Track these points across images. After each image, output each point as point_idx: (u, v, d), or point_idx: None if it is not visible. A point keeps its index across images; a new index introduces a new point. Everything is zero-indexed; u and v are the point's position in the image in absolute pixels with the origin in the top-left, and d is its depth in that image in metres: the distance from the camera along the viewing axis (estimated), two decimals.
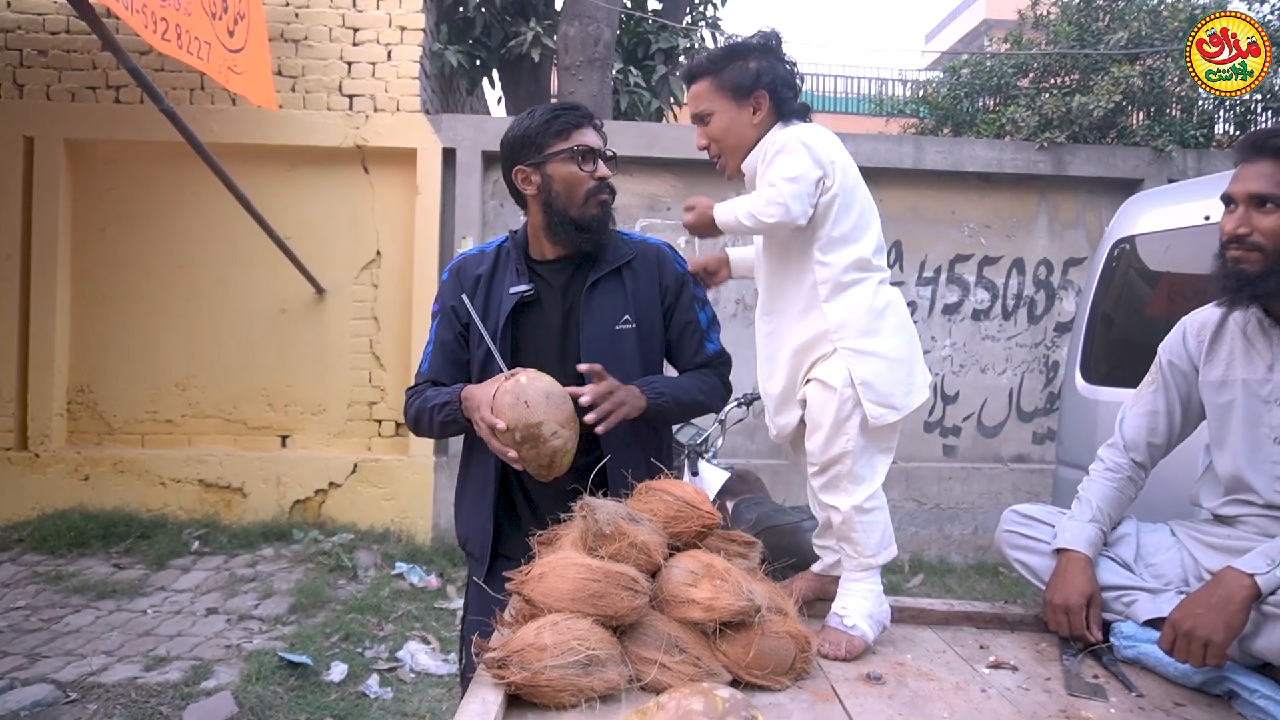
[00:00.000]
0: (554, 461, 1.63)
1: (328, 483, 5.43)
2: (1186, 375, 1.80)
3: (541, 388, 1.62)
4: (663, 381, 1.83)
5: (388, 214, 5.60)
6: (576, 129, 1.80)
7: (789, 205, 1.58)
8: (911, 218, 5.88)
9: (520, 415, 1.58)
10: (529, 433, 1.59)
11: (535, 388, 1.61)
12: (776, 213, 1.59)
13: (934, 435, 5.92)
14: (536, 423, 1.58)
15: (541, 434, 1.59)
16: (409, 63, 5.55)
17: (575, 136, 1.80)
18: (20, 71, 5.43)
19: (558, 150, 1.79)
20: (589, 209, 1.79)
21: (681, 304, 1.92)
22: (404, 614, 4.27)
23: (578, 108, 1.85)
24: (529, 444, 1.60)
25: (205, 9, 3.85)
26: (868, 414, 1.60)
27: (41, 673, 3.38)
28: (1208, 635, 1.41)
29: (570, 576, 1.30)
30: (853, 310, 1.64)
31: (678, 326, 1.91)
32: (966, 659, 1.61)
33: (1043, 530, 1.82)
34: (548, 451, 1.61)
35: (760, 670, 1.37)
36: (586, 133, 1.82)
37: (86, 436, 5.56)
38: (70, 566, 4.62)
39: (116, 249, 5.53)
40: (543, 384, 1.63)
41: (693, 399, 1.86)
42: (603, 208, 1.81)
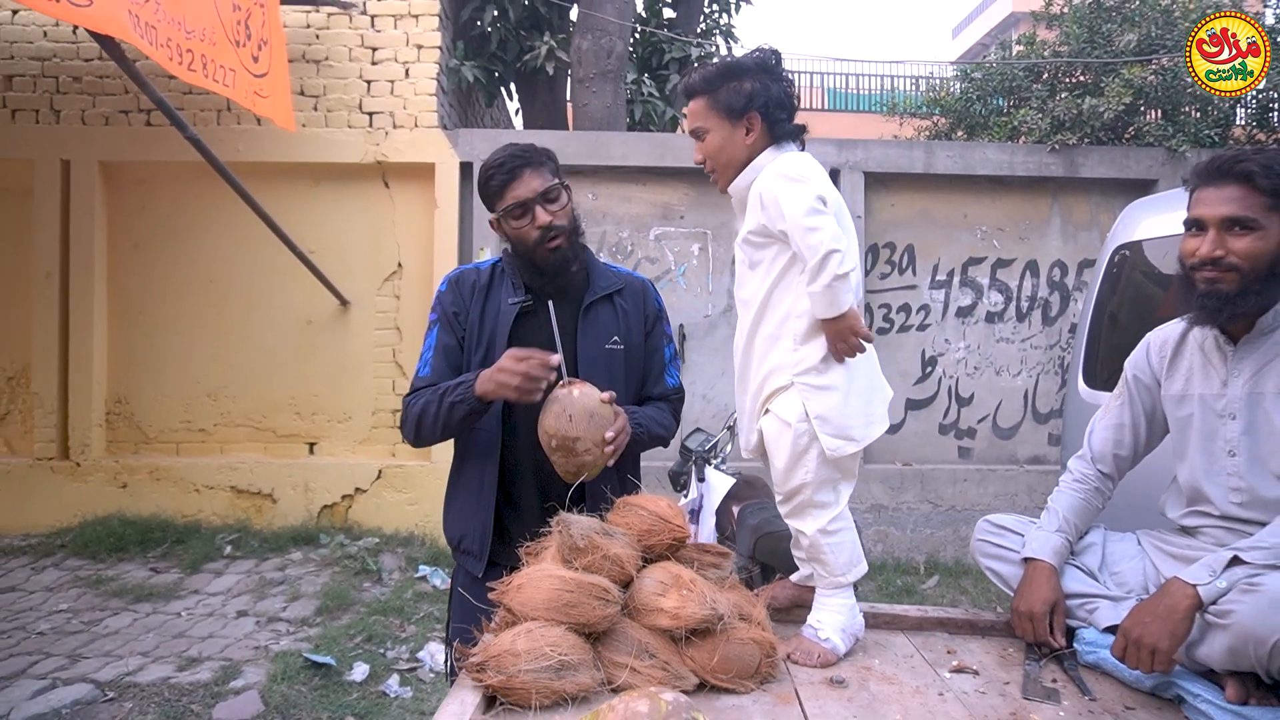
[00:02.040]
0: (580, 471, 1.74)
1: (354, 488, 5.61)
2: (1150, 390, 1.87)
3: (587, 406, 1.71)
4: (639, 414, 1.94)
5: (408, 227, 5.77)
6: (509, 184, 1.86)
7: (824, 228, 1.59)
8: (923, 221, 5.92)
9: (561, 426, 1.70)
10: (564, 443, 1.70)
11: (581, 405, 1.70)
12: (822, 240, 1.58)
13: (949, 437, 5.96)
14: (574, 438, 1.70)
15: (575, 449, 1.70)
16: (426, 80, 5.71)
17: (509, 192, 1.86)
18: (57, 98, 5.68)
19: (500, 209, 1.89)
20: (544, 255, 1.89)
21: (655, 334, 2.06)
22: (425, 615, 4.41)
23: (508, 159, 1.87)
24: (561, 452, 1.71)
25: (229, 37, 4.02)
26: (825, 446, 1.64)
27: (82, 672, 3.57)
28: (1154, 643, 1.48)
29: (545, 587, 1.41)
30: (819, 350, 1.67)
31: (647, 353, 2.04)
32: (932, 663, 1.69)
33: (1013, 539, 1.90)
34: (577, 463, 1.72)
35: (725, 674, 1.47)
36: (520, 184, 1.86)
37: (124, 446, 5.79)
38: (109, 571, 4.83)
39: (149, 265, 5.76)
40: (589, 403, 1.72)
41: (654, 433, 1.97)
42: (555, 252, 1.88)
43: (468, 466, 1.97)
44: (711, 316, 5.86)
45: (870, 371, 1.74)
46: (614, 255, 5.81)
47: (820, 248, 1.58)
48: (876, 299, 5.89)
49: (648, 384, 2.05)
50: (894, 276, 5.92)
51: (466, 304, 1.96)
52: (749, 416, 1.80)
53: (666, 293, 5.54)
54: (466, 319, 1.95)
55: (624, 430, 1.78)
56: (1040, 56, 6.83)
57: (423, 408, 1.88)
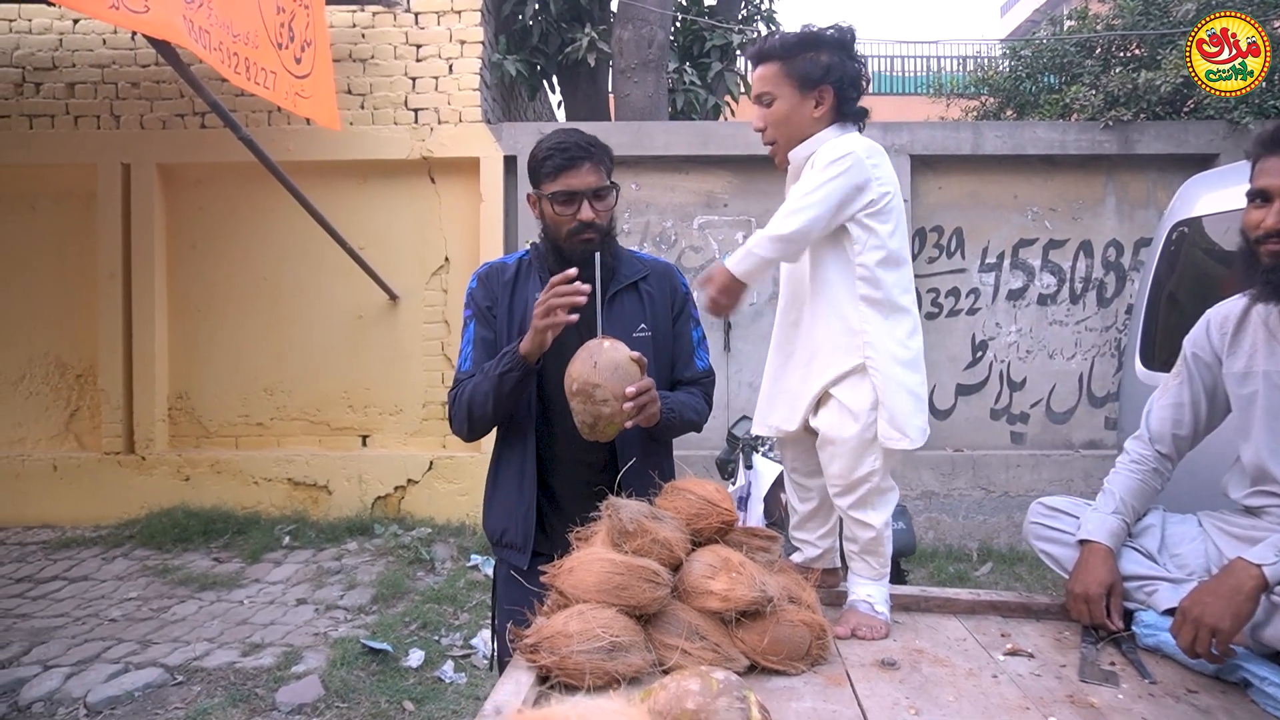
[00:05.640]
0: (598, 423, 1.73)
1: (406, 479, 5.72)
2: (1211, 367, 1.82)
3: (615, 359, 1.72)
4: (670, 398, 1.93)
5: (454, 221, 5.84)
6: (565, 171, 1.85)
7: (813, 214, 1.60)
8: (972, 204, 5.82)
9: (585, 371, 1.71)
10: (584, 388, 1.70)
11: (609, 356, 1.72)
12: (795, 223, 1.61)
13: (1001, 423, 5.86)
14: (595, 384, 1.70)
15: (594, 396, 1.70)
16: (469, 75, 5.77)
17: (562, 179, 1.86)
18: (116, 103, 5.86)
19: (546, 190, 1.89)
20: (572, 246, 1.89)
21: (682, 318, 2.05)
22: (478, 604, 4.49)
23: (573, 147, 1.87)
24: (581, 398, 1.71)
25: (271, 40, 4.10)
26: (880, 434, 1.66)
27: (152, 657, 3.71)
28: (1215, 623, 1.45)
29: (596, 570, 1.43)
30: (893, 333, 1.67)
31: (675, 337, 2.03)
32: (985, 646, 1.68)
33: (1067, 522, 1.86)
34: (594, 412, 1.71)
35: (775, 656, 1.48)
36: (576, 174, 1.86)
37: (186, 440, 5.98)
38: (175, 561, 5.01)
39: (206, 264, 5.93)
40: (618, 356, 1.73)
41: (685, 418, 1.96)
42: (585, 246, 1.87)
43: (506, 461, 2.00)
44: (757, 304, 5.84)
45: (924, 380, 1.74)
46: (658, 245, 5.81)
47: (792, 229, 1.61)
48: (925, 283, 5.79)
49: (677, 368, 2.04)
50: (942, 260, 5.83)
51: (497, 298, 1.98)
52: (793, 395, 1.78)
53: None
54: (498, 312, 1.97)
55: (647, 392, 1.75)
56: (1093, 30, 6.63)
57: (471, 391, 1.90)
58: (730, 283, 1.67)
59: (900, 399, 1.67)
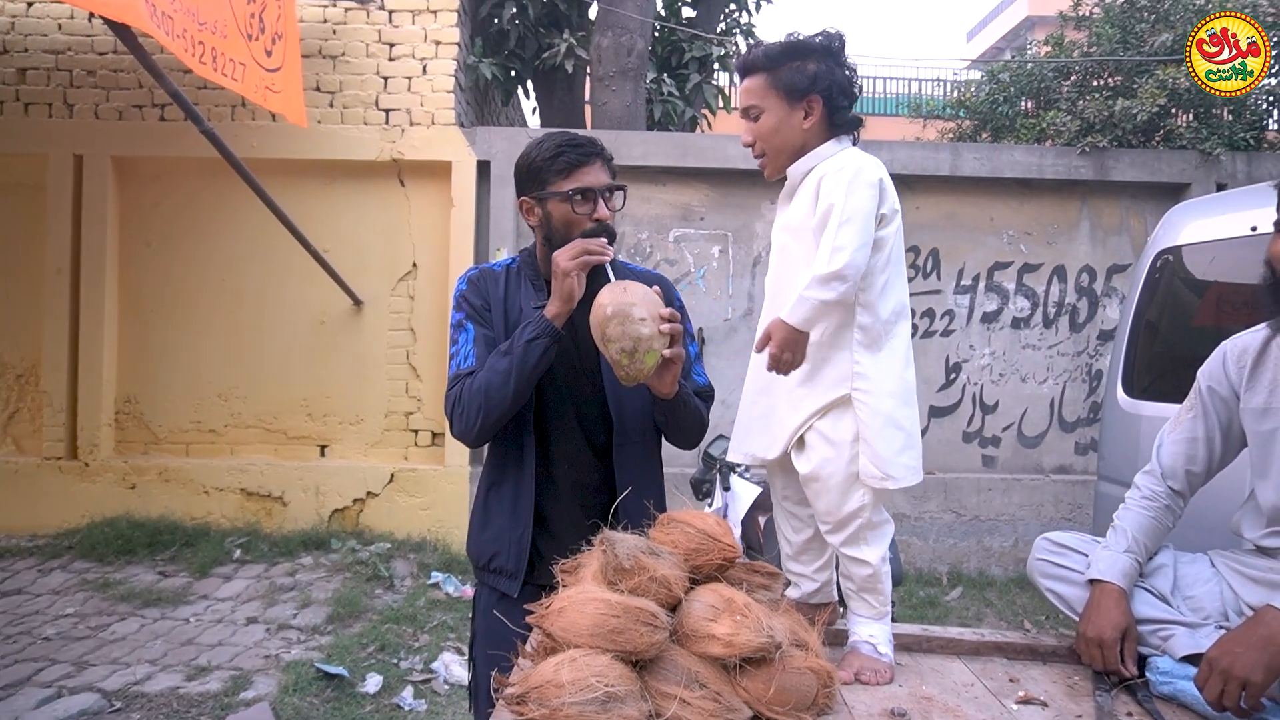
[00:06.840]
0: (636, 350, 1.60)
1: (365, 492, 5.52)
2: (1227, 401, 1.75)
3: (642, 288, 1.66)
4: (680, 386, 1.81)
5: (423, 226, 5.68)
6: (580, 167, 1.76)
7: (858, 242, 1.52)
8: (949, 225, 5.80)
9: (616, 295, 1.62)
10: (620, 310, 1.60)
11: (636, 287, 1.66)
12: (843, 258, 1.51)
13: (973, 445, 5.83)
14: (630, 303, 1.60)
15: (631, 314, 1.59)
16: (444, 76, 5.62)
17: (577, 176, 1.76)
18: (70, 91, 5.60)
19: (558, 190, 1.77)
20: None
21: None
22: (439, 624, 4.31)
23: (586, 144, 1.79)
24: (618, 320, 1.60)
25: (241, 31, 3.93)
26: (861, 472, 1.58)
27: (88, 681, 3.48)
28: (1246, 674, 1.37)
29: (589, 612, 1.29)
30: (886, 364, 1.61)
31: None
32: (995, 693, 1.58)
33: (1076, 559, 1.78)
34: (633, 334, 1.59)
35: (781, 706, 1.35)
36: (590, 171, 1.77)
37: (133, 446, 5.70)
38: (117, 574, 4.74)
39: (162, 263, 5.68)
40: (644, 289, 1.67)
41: (693, 407, 1.85)
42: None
43: (499, 483, 1.87)
44: (731, 320, 5.75)
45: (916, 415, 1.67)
46: (633, 257, 5.70)
47: (843, 264, 1.50)
48: None
49: None
50: (918, 281, 5.80)
51: (489, 301, 1.86)
52: (774, 423, 1.69)
53: (686, 295, 5.43)
54: (492, 315, 1.85)
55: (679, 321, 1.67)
56: (1069, 56, 6.69)
57: (488, 373, 1.73)
58: (791, 334, 1.54)
59: (887, 434, 1.59)
